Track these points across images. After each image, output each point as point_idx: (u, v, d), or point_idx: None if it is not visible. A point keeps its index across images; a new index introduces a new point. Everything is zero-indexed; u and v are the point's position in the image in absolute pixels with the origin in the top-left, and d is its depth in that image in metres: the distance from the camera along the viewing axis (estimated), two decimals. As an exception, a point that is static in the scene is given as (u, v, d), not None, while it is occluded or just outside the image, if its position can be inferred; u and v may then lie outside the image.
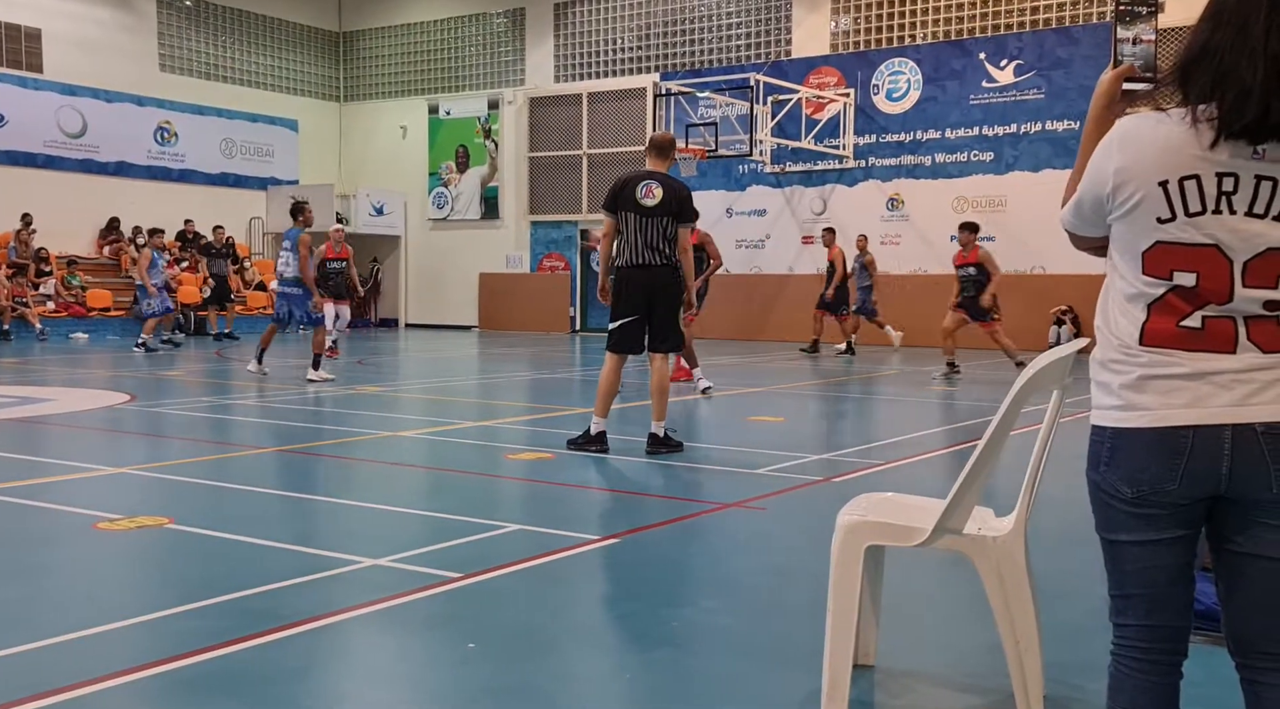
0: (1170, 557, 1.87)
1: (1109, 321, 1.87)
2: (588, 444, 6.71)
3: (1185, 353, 1.78)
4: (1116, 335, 1.85)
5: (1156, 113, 1.82)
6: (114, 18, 21.06)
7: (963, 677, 3.13)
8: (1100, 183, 1.84)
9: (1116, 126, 1.86)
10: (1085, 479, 1.92)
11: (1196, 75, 1.78)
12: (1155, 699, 1.91)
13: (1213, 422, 1.75)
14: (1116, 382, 1.83)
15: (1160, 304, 1.79)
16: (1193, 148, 1.75)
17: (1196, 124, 1.76)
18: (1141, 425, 1.80)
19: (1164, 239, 1.77)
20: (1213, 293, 1.76)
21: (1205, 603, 3.43)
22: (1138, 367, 1.81)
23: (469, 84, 23.38)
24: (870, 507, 2.89)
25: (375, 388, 11.03)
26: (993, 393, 10.94)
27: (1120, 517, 1.87)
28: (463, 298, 23.36)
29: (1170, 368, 1.78)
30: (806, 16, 19.36)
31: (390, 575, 3.95)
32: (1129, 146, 1.80)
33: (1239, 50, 1.73)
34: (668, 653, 3.22)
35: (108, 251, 20.51)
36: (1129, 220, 1.81)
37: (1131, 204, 1.80)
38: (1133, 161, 1.79)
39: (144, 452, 6.96)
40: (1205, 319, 1.77)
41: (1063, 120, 17.12)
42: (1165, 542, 1.85)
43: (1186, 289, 1.77)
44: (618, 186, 6.68)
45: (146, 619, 3.44)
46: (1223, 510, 1.84)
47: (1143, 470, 1.80)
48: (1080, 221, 1.92)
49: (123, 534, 4.53)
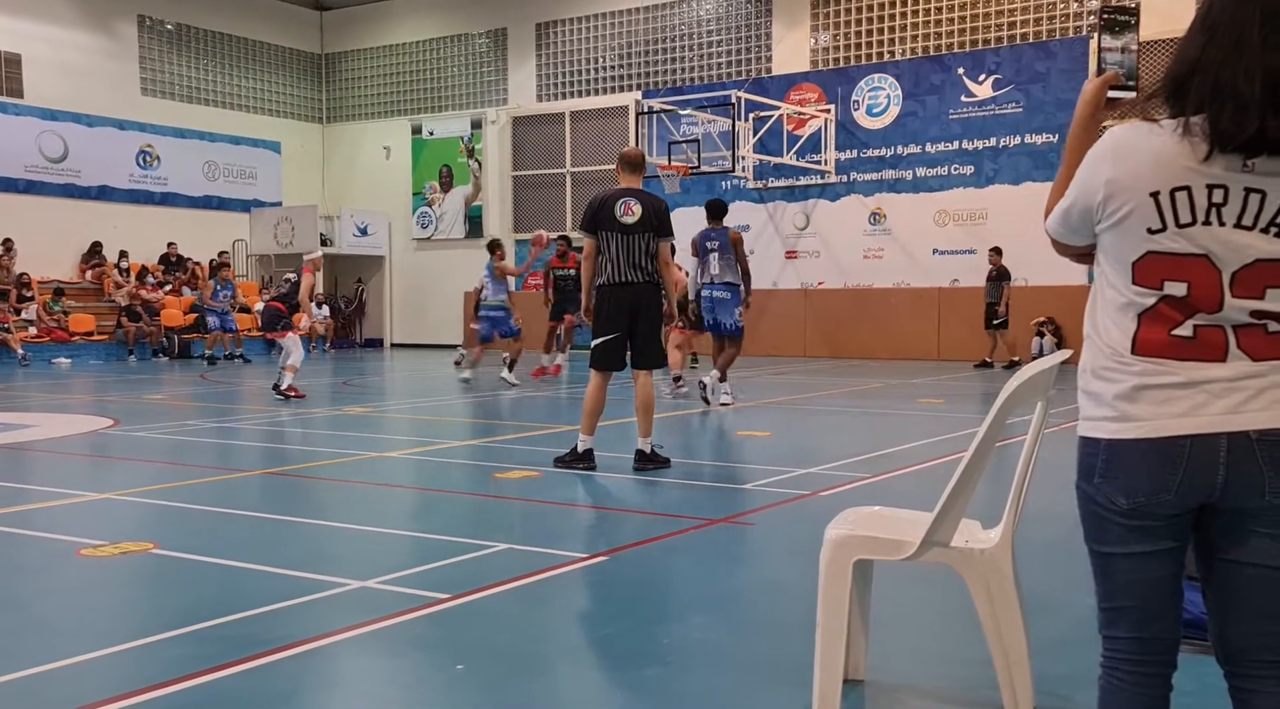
0: (1162, 568, 1.86)
1: (1099, 330, 1.87)
2: (575, 462, 6.70)
3: (1177, 362, 1.78)
4: (1108, 344, 1.84)
5: (1148, 123, 1.81)
6: (95, 42, 21.03)
7: (953, 690, 3.13)
8: (1091, 192, 1.84)
9: (1108, 136, 1.85)
10: (1075, 491, 1.91)
11: (1190, 88, 1.77)
12: None
13: (1209, 430, 1.75)
14: (1110, 391, 1.82)
15: (1151, 313, 1.80)
16: (1185, 160, 1.75)
17: (1189, 137, 1.75)
18: (1138, 436, 1.78)
19: (1155, 249, 1.78)
20: (1203, 302, 1.76)
21: (1193, 612, 3.44)
22: (1131, 375, 1.80)
23: (452, 104, 23.42)
24: (858, 520, 2.90)
25: (362, 408, 10.99)
26: (978, 406, 10.99)
27: (1113, 529, 1.85)
28: (448, 317, 23.33)
29: (1164, 377, 1.78)
30: (786, 33, 19.50)
31: (378, 597, 3.93)
32: (1122, 158, 1.80)
33: (1235, 64, 1.73)
34: (658, 671, 3.21)
35: (90, 276, 20.42)
36: (1119, 230, 1.82)
37: (1122, 214, 1.80)
38: (1125, 173, 1.79)
39: (128, 476, 6.91)
40: (1196, 328, 1.77)
41: (1041, 133, 17.27)
42: (1157, 553, 1.84)
43: (1178, 299, 1.77)
44: (595, 206, 6.68)
45: (131, 646, 3.41)
46: (1211, 520, 1.84)
47: (1140, 482, 1.79)
48: (1067, 230, 1.92)
49: (107, 560, 4.50)
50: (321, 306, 22.18)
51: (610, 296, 6.66)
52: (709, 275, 10.19)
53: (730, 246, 10.11)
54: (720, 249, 10.12)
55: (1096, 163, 1.84)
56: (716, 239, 10.17)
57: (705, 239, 10.27)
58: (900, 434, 8.75)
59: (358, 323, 24.40)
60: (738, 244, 10.18)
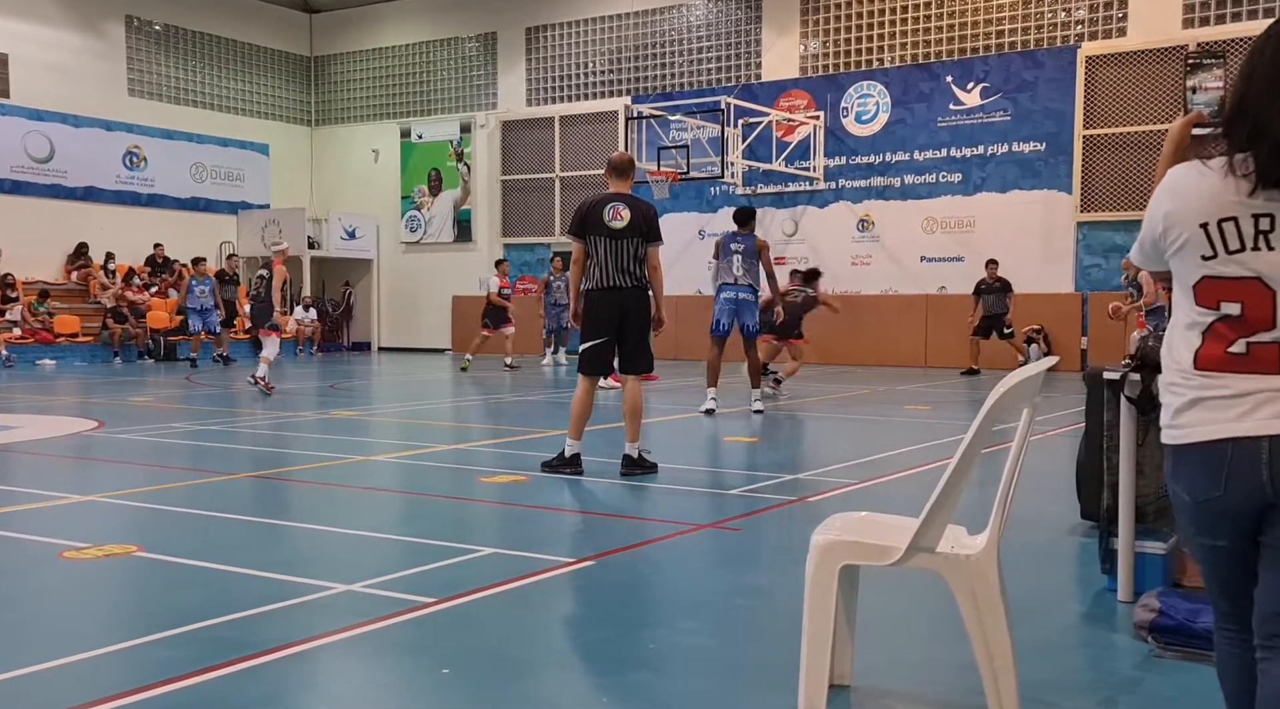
0: (1227, 558, 2.08)
1: (1171, 348, 2.11)
2: (562, 466, 6.70)
3: (1233, 375, 1.99)
4: (1176, 361, 2.08)
5: (1200, 163, 2.05)
6: (82, 42, 20.94)
7: (938, 695, 3.13)
8: (1154, 226, 2.10)
9: (1169, 175, 2.11)
10: None
11: (1234, 130, 1.99)
12: (1241, 666, 2.11)
13: (1250, 434, 1.96)
14: (1174, 403, 2.07)
15: (1211, 332, 2.02)
16: (1231, 195, 1.98)
17: (1234, 174, 1.97)
18: (1191, 441, 2.03)
19: (1209, 274, 2.01)
20: (1257, 321, 1.97)
21: (1176, 618, 3.46)
22: (1191, 389, 2.04)
23: (441, 108, 23.40)
24: (845, 526, 2.90)
25: (348, 412, 10.96)
26: (965, 412, 11.02)
27: (1188, 520, 2.11)
28: (436, 321, 23.29)
29: (1218, 390, 2.00)
30: (776, 40, 19.56)
31: (364, 601, 3.91)
32: (1177, 195, 2.06)
33: (1270, 107, 1.94)
34: (645, 675, 3.21)
35: (75, 277, 20.31)
36: (1179, 257, 2.06)
37: (1180, 244, 2.04)
38: (1179, 207, 2.04)
39: (112, 479, 6.87)
40: (1250, 345, 1.98)
41: (1029, 142, 17.36)
42: (1218, 548, 2.08)
43: (1233, 318, 1.99)
44: (584, 211, 6.68)
45: (115, 649, 3.39)
46: (1273, 515, 2.02)
47: (1197, 481, 2.03)
48: (1143, 258, 2.20)
49: (90, 563, 4.47)
50: (309, 309, 22.11)
51: (599, 301, 6.66)
52: (732, 276, 10.32)
53: (755, 252, 10.35)
54: (745, 253, 10.32)
55: (1158, 199, 2.10)
56: (742, 243, 10.36)
57: (730, 241, 10.43)
58: (887, 440, 8.77)
59: (345, 326, 24.33)
60: (764, 250, 10.45)
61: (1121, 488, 3.94)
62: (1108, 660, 3.40)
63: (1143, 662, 3.33)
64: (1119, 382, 3.86)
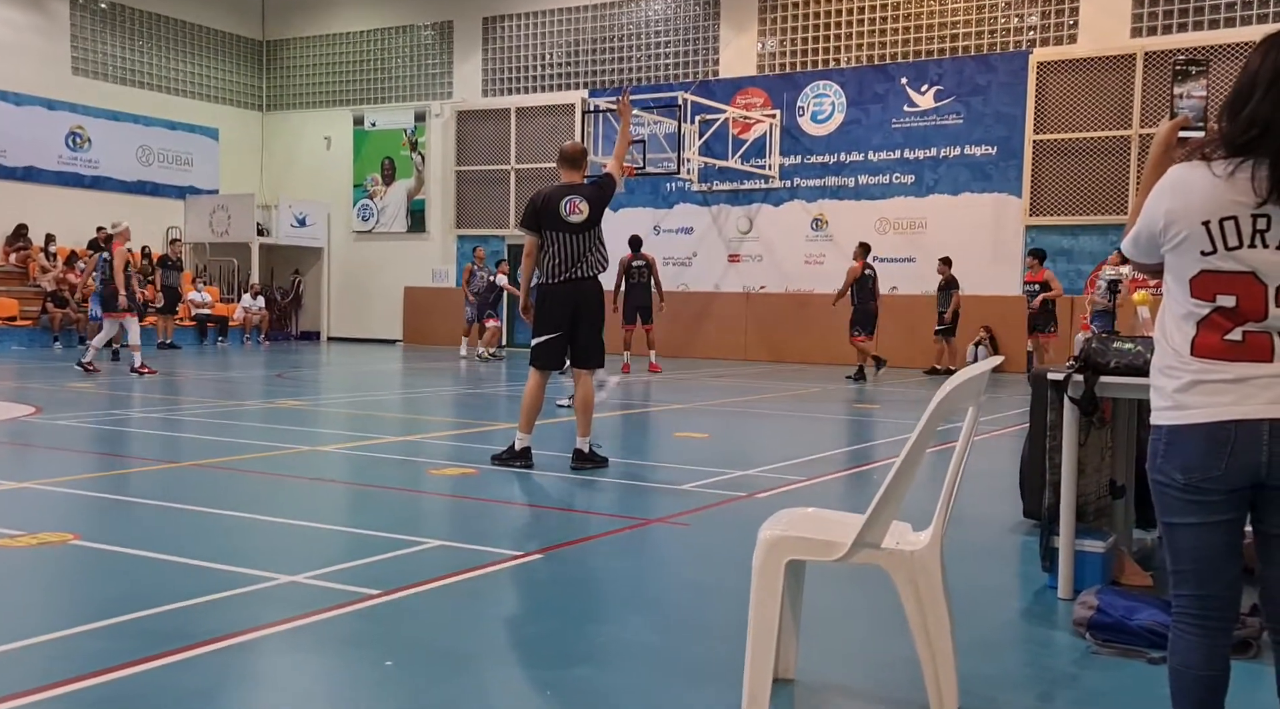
0: (1216, 537, 2.16)
1: (1166, 335, 2.21)
2: (512, 460, 6.67)
3: (1229, 362, 2.11)
4: (1172, 347, 2.19)
5: (1202, 164, 2.15)
6: (24, 18, 20.41)
7: (881, 689, 3.16)
8: (1153, 221, 2.20)
9: (1169, 174, 2.21)
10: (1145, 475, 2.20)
11: (1240, 139, 2.10)
12: (1205, 657, 2.20)
13: (1253, 416, 2.08)
14: (1170, 386, 2.18)
15: (1206, 322, 2.14)
16: (1233, 196, 2.10)
17: (1235, 177, 2.09)
18: (1193, 422, 2.13)
19: (1208, 268, 2.13)
20: (1251, 312, 2.10)
21: (1113, 615, 3.53)
22: (1189, 373, 2.15)
23: (395, 96, 23.16)
24: (791, 522, 2.92)
25: (296, 402, 10.81)
26: (913, 411, 11.14)
27: (1174, 503, 2.18)
28: (387, 311, 23.06)
29: (1216, 374, 2.12)
30: (734, 37, 19.61)
31: (306, 592, 3.86)
32: (1178, 193, 2.16)
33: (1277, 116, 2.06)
34: (588, 670, 3.20)
35: (14, 259, 19.81)
36: (1177, 252, 2.17)
37: (1179, 240, 2.15)
38: (1180, 205, 2.15)
39: (49, 465, 6.71)
40: (1245, 333, 2.11)
41: (980, 145, 17.58)
42: (1210, 525, 2.16)
43: (1228, 309, 2.11)
44: (539, 203, 6.61)
45: (49, 638, 3.31)
46: (1264, 498, 2.14)
47: (1194, 460, 2.13)
48: (1137, 251, 2.29)
49: (25, 550, 4.36)
50: (256, 297, 21.78)
51: (551, 295, 6.61)
52: None
53: None
54: None
55: (1158, 196, 2.20)
56: None
57: None
58: (836, 438, 8.84)
59: (294, 315, 24.00)
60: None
61: (1063, 487, 4.01)
62: (1046, 656, 3.46)
63: (1080, 658, 3.39)
64: (1063, 383, 3.92)
